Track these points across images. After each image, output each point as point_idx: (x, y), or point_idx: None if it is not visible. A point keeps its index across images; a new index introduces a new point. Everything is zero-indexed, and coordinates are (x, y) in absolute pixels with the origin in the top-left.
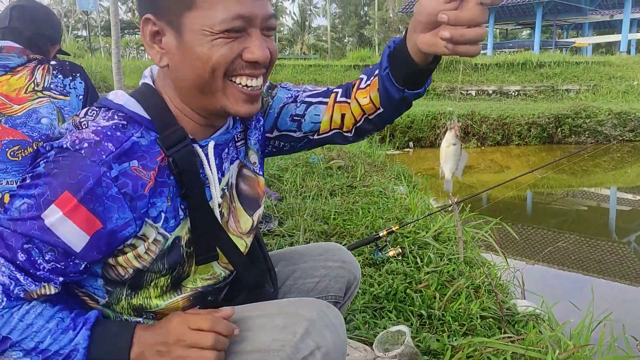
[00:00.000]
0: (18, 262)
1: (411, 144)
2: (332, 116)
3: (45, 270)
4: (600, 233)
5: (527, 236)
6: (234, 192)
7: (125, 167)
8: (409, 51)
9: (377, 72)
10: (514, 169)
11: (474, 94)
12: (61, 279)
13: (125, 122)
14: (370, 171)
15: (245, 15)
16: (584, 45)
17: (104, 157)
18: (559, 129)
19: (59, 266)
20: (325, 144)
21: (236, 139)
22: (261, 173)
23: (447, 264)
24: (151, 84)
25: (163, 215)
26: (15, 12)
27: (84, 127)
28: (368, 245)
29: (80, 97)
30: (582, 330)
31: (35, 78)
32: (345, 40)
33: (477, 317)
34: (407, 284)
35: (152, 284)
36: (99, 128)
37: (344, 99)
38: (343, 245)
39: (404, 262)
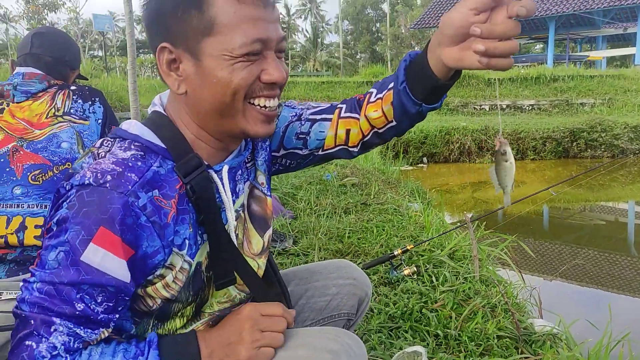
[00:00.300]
0: (77, 313)
1: (425, 159)
2: (336, 132)
3: (101, 313)
4: (618, 248)
5: (544, 252)
6: (247, 213)
7: (150, 196)
8: (431, 66)
9: (390, 85)
10: (530, 184)
11: (487, 109)
12: (116, 317)
13: (142, 153)
14: (384, 188)
15: (263, 39)
16: (598, 58)
17: (129, 187)
18: (575, 143)
19: (111, 305)
20: (329, 159)
21: (246, 161)
22: (269, 193)
23: (463, 282)
24: (162, 111)
25: (187, 242)
26: (36, 39)
27: (101, 158)
28: (383, 264)
29: (99, 121)
30: (600, 350)
31: (56, 103)
32: (358, 57)
33: (493, 337)
34: (422, 304)
35: (179, 313)
36: (119, 159)
37: (349, 114)
38: (358, 264)
39: (419, 281)
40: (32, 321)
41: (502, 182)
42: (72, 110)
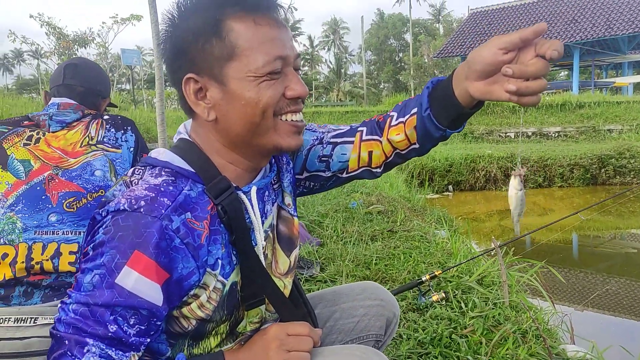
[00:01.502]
0: (110, 335)
1: (450, 187)
2: (359, 155)
3: (132, 336)
4: None
5: (573, 281)
6: (275, 233)
7: (183, 218)
8: (456, 94)
9: (413, 110)
10: (558, 212)
11: (512, 136)
12: (148, 340)
13: (173, 178)
14: (410, 216)
15: (283, 56)
16: (624, 84)
17: (163, 211)
18: (603, 170)
19: (143, 328)
20: (353, 179)
21: (273, 182)
22: (295, 214)
23: (492, 308)
24: (188, 138)
25: (220, 262)
26: (68, 70)
27: (134, 186)
28: (411, 290)
29: (131, 149)
30: None
31: (90, 132)
32: (381, 86)
33: None
34: (452, 329)
35: (213, 332)
36: (151, 185)
37: (370, 136)
38: (387, 289)
39: (447, 307)
40: (66, 341)
41: (513, 211)
42: (105, 139)
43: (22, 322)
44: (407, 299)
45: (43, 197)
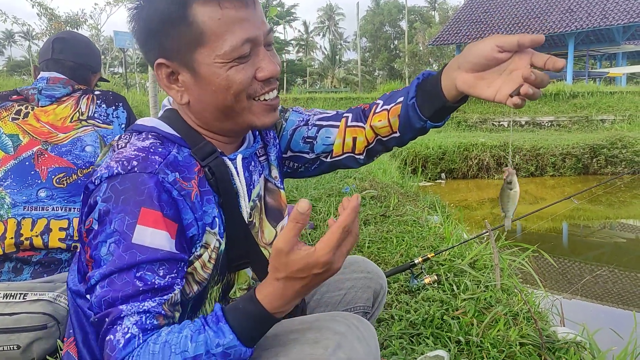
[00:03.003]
0: (141, 289)
1: (443, 175)
2: (344, 140)
3: (164, 281)
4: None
5: (563, 269)
6: (262, 204)
7: (175, 175)
8: (443, 87)
9: (399, 99)
10: (549, 201)
11: (506, 125)
12: (181, 282)
13: (160, 141)
14: (403, 201)
15: (251, 38)
16: (618, 75)
17: (156, 166)
18: (595, 160)
19: (173, 274)
20: (337, 167)
21: (258, 154)
22: (282, 187)
23: (484, 291)
24: (174, 108)
25: (217, 220)
26: (57, 44)
27: (122, 150)
28: (403, 273)
29: (123, 125)
30: (626, 357)
31: (80, 107)
32: (376, 74)
33: (516, 344)
34: (443, 311)
35: (209, 297)
36: (140, 147)
37: (355, 123)
38: None
39: (439, 290)
40: (105, 319)
41: (504, 208)
42: (95, 115)
43: (12, 297)
44: (399, 281)
45: (32, 172)
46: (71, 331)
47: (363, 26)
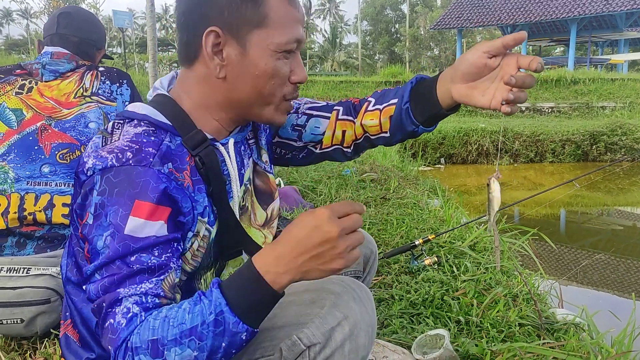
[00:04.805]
0: (136, 270)
1: (442, 160)
2: (334, 132)
3: (160, 260)
4: (636, 254)
5: (561, 255)
6: (252, 186)
7: (169, 166)
8: (438, 95)
9: (392, 101)
10: (548, 187)
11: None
12: (178, 261)
13: (153, 129)
14: (403, 184)
15: (300, 39)
16: (619, 62)
17: (151, 159)
18: (594, 146)
19: (168, 254)
20: (325, 159)
21: (248, 137)
22: (271, 171)
23: (484, 272)
24: (166, 93)
25: (207, 209)
26: (62, 19)
27: (114, 138)
28: (403, 254)
29: (126, 103)
30: (624, 337)
31: (84, 83)
32: (376, 58)
33: (515, 325)
34: (444, 292)
35: (202, 280)
36: (133, 135)
37: (346, 117)
38: (379, 253)
39: (440, 271)
40: (103, 304)
41: (487, 210)
42: (99, 91)
43: (15, 272)
44: (399, 262)
45: (36, 147)
46: (67, 314)
47: (364, 9)
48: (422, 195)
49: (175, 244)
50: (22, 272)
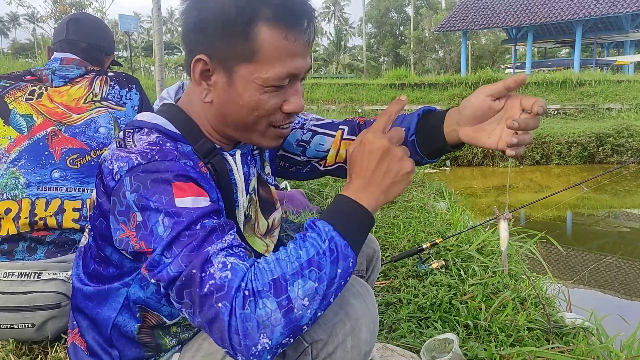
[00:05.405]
0: (210, 229)
1: (448, 162)
2: (338, 151)
3: (222, 220)
4: None
5: (568, 258)
6: (257, 196)
7: (190, 163)
8: (445, 135)
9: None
10: (554, 189)
11: None
12: (233, 227)
13: (164, 137)
14: (409, 187)
15: (294, 74)
16: (625, 63)
17: (175, 153)
18: (601, 148)
19: (223, 218)
20: (328, 175)
21: (252, 149)
22: (273, 183)
23: (492, 276)
24: (173, 103)
25: (223, 213)
26: (71, 25)
27: (131, 144)
28: (411, 258)
29: (136, 107)
30: (634, 342)
31: (94, 89)
32: (381, 60)
33: (524, 329)
34: (451, 295)
35: None
36: (149, 142)
37: (350, 136)
38: (386, 257)
39: (447, 275)
40: (193, 271)
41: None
42: (109, 96)
43: (26, 276)
44: (407, 266)
45: (46, 152)
46: (74, 322)
47: (369, 12)
48: (429, 198)
49: (222, 214)
50: (33, 277)
